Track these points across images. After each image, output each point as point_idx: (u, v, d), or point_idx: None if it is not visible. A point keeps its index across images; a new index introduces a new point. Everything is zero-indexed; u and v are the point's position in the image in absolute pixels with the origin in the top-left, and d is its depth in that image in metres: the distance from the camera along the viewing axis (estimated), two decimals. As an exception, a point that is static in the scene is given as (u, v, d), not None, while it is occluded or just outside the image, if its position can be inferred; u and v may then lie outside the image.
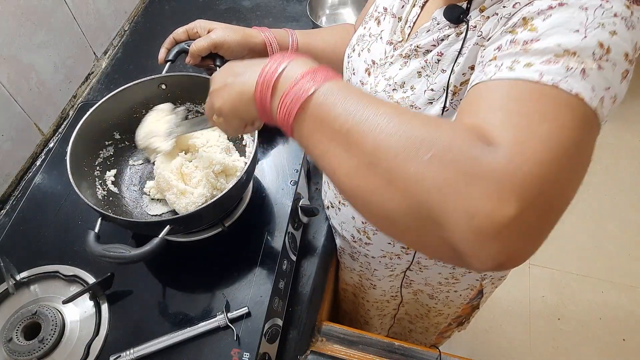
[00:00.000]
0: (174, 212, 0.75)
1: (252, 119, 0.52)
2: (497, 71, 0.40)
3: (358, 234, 0.82)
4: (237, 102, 0.49)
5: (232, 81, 0.50)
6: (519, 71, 0.38)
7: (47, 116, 1.02)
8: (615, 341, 1.67)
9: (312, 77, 0.43)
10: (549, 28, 0.39)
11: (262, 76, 0.46)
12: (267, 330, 0.69)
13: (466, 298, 0.97)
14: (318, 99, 0.42)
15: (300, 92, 0.42)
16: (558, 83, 0.37)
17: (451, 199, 0.34)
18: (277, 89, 0.45)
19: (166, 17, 1.31)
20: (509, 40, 0.41)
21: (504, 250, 0.33)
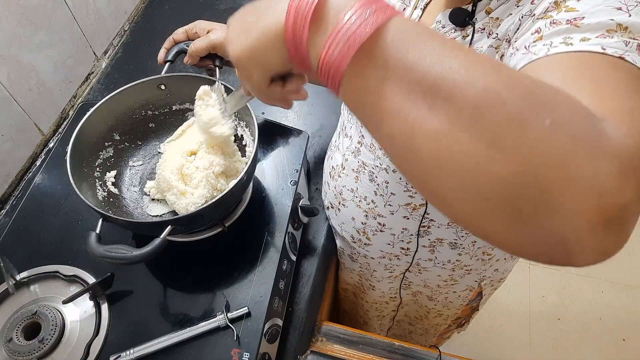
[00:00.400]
0: (174, 212, 0.75)
1: (280, 66, 0.38)
2: (551, 47, 0.36)
3: (358, 235, 0.82)
4: (259, 44, 0.36)
5: (253, 18, 0.37)
6: (577, 45, 0.35)
7: (47, 116, 1.02)
8: (615, 341, 1.67)
9: (371, 5, 0.31)
10: (590, 7, 0.37)
11: (295, 5, 0.33)
12: (267, 330, 0.69)
13: (465, 299, 0.97)
14: (387, 36, 0.31)
15: (359, 28, 0.31)
16: (623, 55, 0.34)
17: (577, 173, 0.27)
18: (321, 23, 0.32)
19: (166, 17, 1.31)
20: (549, 22, 0.38)
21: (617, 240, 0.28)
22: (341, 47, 0.31)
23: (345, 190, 0.78)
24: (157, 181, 0.75)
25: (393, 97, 0.31)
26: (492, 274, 0.87)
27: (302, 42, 0.33)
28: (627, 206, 0.27)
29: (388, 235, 0.77)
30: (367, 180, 0.71)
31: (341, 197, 0.80)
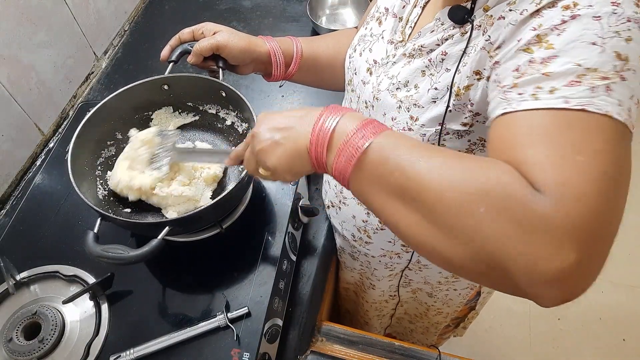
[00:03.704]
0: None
1: (306, 173, 0.51)
2: (521, 100, 0.40)
3: (359, 233, 0.82)
4: (292, 159, 0.49)
5: (281, 138, 0.49)
6: (544, 99, 0.38)
7: (47, 116, 1.02)
8: (615, 341, 1.67)
9: (363, 132, 0.43)
10: (566, 43, 0.39)
11: (316, 133, 0.46)
12: (267, 330, 0.69)
13: (465, 297, 0.97)
14: (372, 154, 0.42)
15: (353, 150, 0.43)
16: (585, 106, 0.37)
17: (511, 248, 0.35)
18: (332, 146, 0.45)
19: (166, 17, 1.31)
20: (527, 61, 0.41)
21: (567, 290, 0.35)
22: (343, 164, 0.44)
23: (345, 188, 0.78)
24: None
25: (380, 198, 0.43)
26: None
27: (322, 161, 0.47)
28: (565, 269, 0.34)
29: (389, 233, 0.77)
30: None
31: (342, 195, 0.80)
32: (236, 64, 0.77)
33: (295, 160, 0.49)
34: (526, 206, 0.35)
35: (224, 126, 0.84)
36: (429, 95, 0.56)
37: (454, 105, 0.53)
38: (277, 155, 0.49)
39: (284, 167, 0.50)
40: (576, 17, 0.39)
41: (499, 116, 0.42)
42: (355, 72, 0.70)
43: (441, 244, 0.39)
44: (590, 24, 0.38)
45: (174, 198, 0.71)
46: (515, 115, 0.40)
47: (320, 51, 0.83)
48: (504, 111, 0.42)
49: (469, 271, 0.39)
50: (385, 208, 0.43)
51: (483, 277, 0.38)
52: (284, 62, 0.79)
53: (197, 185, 0.73)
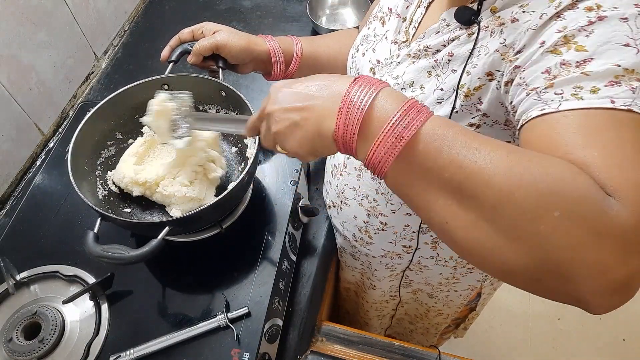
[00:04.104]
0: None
1: (331, 154, 0.46)
2: (562, 100, 0.39)
3: (360, 233, 0.82)
4: (315, 143, 0.43)
5: (301, 118, 0.43)
6: (588, 99, 0.37)
7: (47, 116, 1.02)
8: (615, 341, 1.67)
9: (407, 116, 0.38)
10: (598, 45, 0.38)
11: (345, 113, 0.40)
12: (267, 330, 0.69)
13: (466, 298, 0.97)
14: (421, 145, 0.38)
15: (397, 139, 0.38)
16: (631, 106, 0.36)
17: (582, 256, 0.33)
18: (367, 131, 0.40)
19: (166, 17, 1.31)
20: (559, 63, 0.40)
21: (626, 297, 0.34)
22: (383, 154, 0.39)
23: (347, 188, 0.78)
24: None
25: (428, 194, 0.39)
26: None
27: (351, 147, 0.41)
28: (632, 276, 0.33)
29: (390, 233, 0.77)
30: (369, 179, 0.71)
31: (343, 195, 0.80)
32: (236, 63, 0.77)
33: (318, 144, 0.43)
34: (602, 211, 0.33)
35: (224, 126, 0.83)
36: (435, 96, 0.56)
37: (461, 105, 0.53)
38: (297, 139, 0.44)
39: (305, 151, 0.45)
40: (603, 18, 0.39)
41: (536, 117, 0.40)
42: (357, 72, 0.70)
43: (500, 249, 0.35)
44: (618, 26, 0.38)
45: (176, 197, 0.71)
46: (559, 116, 0.38)
47: (321, 51, 0.83)
48: (542, 112, 0.40)
49: (522, 278, 0.36)
50: (432, 205, 0.39)
51: (536, 284, 0.36)
52: (284, 61, 0.79)
53: (200, 185, 0.73)
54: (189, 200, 0.72)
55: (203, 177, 0.75)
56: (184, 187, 0.72)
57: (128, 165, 0.74)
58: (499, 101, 0.50)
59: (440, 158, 0.37)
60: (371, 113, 0.39)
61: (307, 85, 0.44)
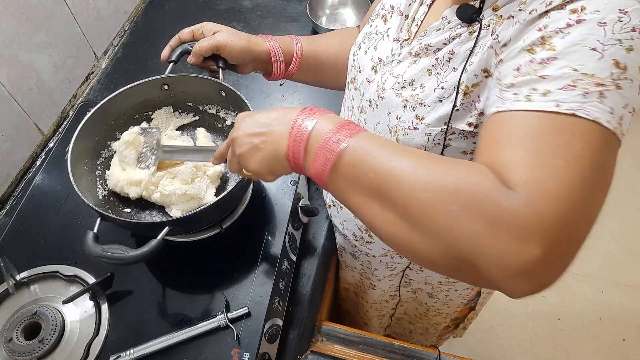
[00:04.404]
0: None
1: (285, 173, 0.53)
2: (515, 100, 0.41)
3: (360, 233, 0.82)
4: (272, 163, 0.50)
5: (260, 142, 0.50)
6: (536, 101, 0.39)
7: (47, 116, 1.02)
8: (615, 341, 1.67)
9: (339, 132, 0.45)
10: (567, 46, 0.39)
11: (294, 136, 0.47)
12: (267, 330, 0.69)
13: (465, 298, 0.97)
14: (346, 157, 0.44)
15: (329, 153, 0.45)
16: (575, 111, 0.37)
17: (480, 245, 0.37)
18: (308, 150, 0.47)
19: (166, 17, 1.31)
20: (528, 61, 0.42)
21: (534, 283, 0.37)
22: (320, 167, 0.46)
23: None
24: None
25: (356, 198, 0.45)
26: None
27: (299, 163, 0.48)
28: (532, 262, 0.35)
29: None
30: None
31: None
32: (236, 63, 0.77)
33: (275, 163, 0.50)
34: (495, 203, 0.36)
35: (224, 126, 0.83)
36: (435, 95, 0.56)
37: (461, 103, 0.53)
38: (257, 159, 0.51)
39: (265, 170, 0.51)
40: (581, 21, 0.39)
41: (492, 114, 0.44)
42: (359, 70, 0.69)
43: (415, 241, 0.41)
44: (594, 29, 0.38)
45: (177, 196, 0.71)
46: (507, 115, 0.42)
47: (321, 50, 0.83)
48: (497, 110, 0.43)
49: (441, 266, 0.41)
50: (362, 208, 0.45)
51: (454, 271, 0.41)
52: (284, 60, 0.79)
53: (200, 183, 0.73)
54: (189, 199, 0.72)
55: (203, 174, 0.75)
56: (184, 185, 0.72)
57: (119, 169, 0.74)
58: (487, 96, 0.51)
59: (363, 167, 0.43)
60: (312, 133, 0.46)
61: (267, 116, 0.51)
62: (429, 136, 0.57)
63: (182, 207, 0.72)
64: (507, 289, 0.38)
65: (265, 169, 0.51)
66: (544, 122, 0.39)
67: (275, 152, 0.49)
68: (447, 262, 0.40)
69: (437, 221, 0.38)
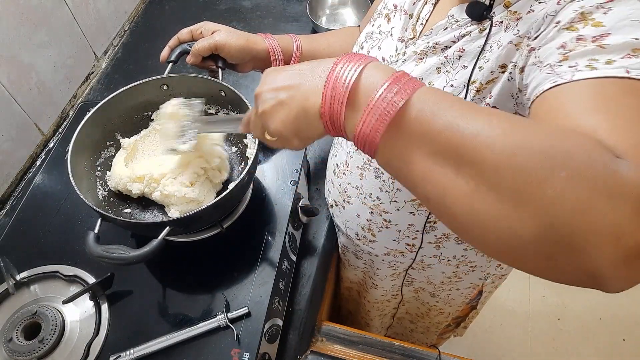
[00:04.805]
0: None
1: (317, 137, 0.44)
2: (575, 71, 0.38)
3: (362, 232, 0.82)
4: (299, 122, 0.42)
5: (287, 97, 0.42)
6: (602, 69, 0.37)
7: (47, 116, 1.02)
8: (615, 341, 1.67)
9: (397, 84, 0.37)
10: (616, 22, 0.38)
11: (331, 86, 0.39)
12: (267, 330, 0.69)
13: (467, 297, 0.97)
14: (413, 111, 0.36)
15: (388, 106, 0.36)
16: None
17: (594, 219, 0.30)
18: (354, 103, 0.39)
19: (166, 17, 1.31)
20: (574, 38, 0.40)
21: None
22: (374, 123, 0.37)
23: (350, 187, 0.78)
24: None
25: (423, 164, 0.36)
26: (496, 270, 0.87)
27: (339, 122, 0.39)
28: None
29: (394, 231, 0.77)
30: (373, 177, 0.71)
31: (346, 194, 0.80)
32: (235, 62, 0.77)
33: (303, 122, 0.42)
34: (613, 172, 0.30)
35: (224, 126, 0.83)
36: None
37: (472, 100, 0.53)
38: (281, 117, 0.42)
39: (289, 131, 0.43)
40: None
41: (548, 89, 0.39)
42: None
43: (505, 218, 0.32)
44: (637, 4, 0.38)
45: (176, 198, 0.71)
46: (571, 85, 0.37)
47: (321, 49, 0.83)
48: (554, 84, 0.38)
49: (534, 253, 0.33)
50: (429, 176, 0.36)
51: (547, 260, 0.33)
52: (283, 59, 0.79)
53: (200, 187, 0.73)
54: (188, 202, 0.72)
55: (205, 180, 0.75)
56: (184, 188, 0.72)
57: (121, 168, 0.74)
58: (509, 92, 0.50)
59: (436, 122, 0.35)
60: (358, 85, 0.38)
61: (296, 68, 0.43)
62: None
63: (181, 208, 0.72)
64: (617, 277, 0.31)
65: (291, 129, 0.43)
66: (620, 87, 0.36)
67: (304, 107, 0.41)
68: (541, 247, 0.32)
69: (540, 190, 0.31)
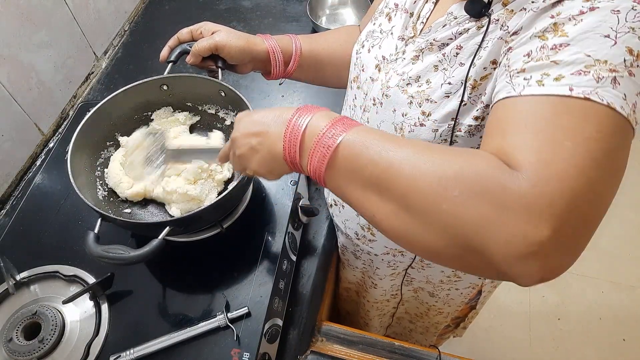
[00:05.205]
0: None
1: (285, 173, 0.53)
2: (526, 85, 0.40)
3: (362, 231, 0.82)
4: (270, 163, 0.51)
5: (257, 143, 0.50)
6: (548, 86, 0.39)
7: (47, 116, 1.02)
8: (615, 341, 1.67)
9: (333, 128, 0.44)
10: (579, 33, 0.39)
11: (288, 137, 0.47)
12: (267, 330, 0.69)
13: (467, 297, 0.97)
14: (343, 151, 0.44)
15: (325, 149, 0.44)
16: (589, 95, 0.37)
17: (486, 229, 0.36)
18: (303, 148, 0.47)
19: (166, 17, 1.31)
20: (539, 47, 0.41)
21: (545, 267, 0.36)
22: (316, 164, 0.45)
23: None
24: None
25: (355, 193, 0.44)
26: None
27: (296, 162, 0.48)
28: (542, 242, 0.34)
29: None
30: None
31: None
32: (235, 63, 0.77)
33: (273, 164, 0.50)
34: (500, 185, 0.36)
35: (223, 126, 0.84)
36: (442, 90, 0.55)
37: (469, 97, 0.53)
38: (256, 161, 0.51)
39: (264, 171, 0.52)
40: (595, 9, 0.39)
41: (501, 100, 0.43)
42: (362, 69, 0.69)
43: (417, 232, 0.40)
44: (607, 17, 0.38)
45: (177, 195, 0.71)
46: (517, 100, 0.41)
47: (321, 49, 0.83)
48: (507, 95, 0.42)
49: (446, 256, 0.40)
50: (361, 202, 0.44)
51: (459, 261, 0.39)
52: (283, 60, 0.79)
53: (202, 186, 0.73)
54: (189, 200, 0.72)
55: (208, 177, 0.75)
56: (187, 185, 0.72)
57: (118, 171, 0.75)
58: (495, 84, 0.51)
59: (361, 159, 0.43)
60: (307, 132, 0.46)
61: (264, 115, 0.51)
62: (435, 132, 0.57)
63: (182, 206, 0.72)
64: (517, 274, 0.36)
65: (265, 170, 0.52)
66: (556, 106, 0.38)
67: (272, 152, 0.49)
68: (451, 251, 0.39)
69: (439, 208, 0.37)
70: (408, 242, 0.42)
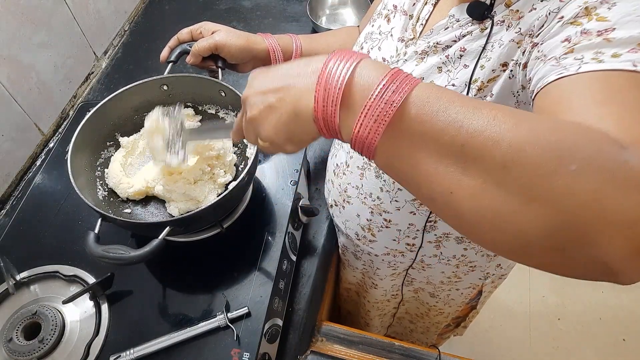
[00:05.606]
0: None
1: (311, 141, 0.42)
2: (582, 64, 0.37)
3: (362, 232, 0.82)
4: (292, 126, 0.39)
5: (276, 100, 0.39)
6: (609, 62, 0.36)
7: (47, 116, 1.02)
8: (615, 341, 1.67)
9: (394, 82, 0.35)
10: (620, 17, 0.38)
11: (323, 87, 0.37)
12: (267, 330, 0.69)
13: (467, 297, 0.97)
14: (412, 109, 0.34)
15: (386, 106, 0.34)
16: None
17: (607, 210, 0.29)
18: (349, 104, 0.36)
19: (166, 17, 1.31)
20: (579, 32, 0.40)
21: None
22: (372, 125, 0.35)
23: (350, 187, 0.78)
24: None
25: (426, 164, 0.35)
26: (495, 270, 0.87)
27: (333, 124, 0.37)
28: None
29: (394, 231, 0.77)
30: (373, 177, 0.71)
31: (346, 194, 0.80)
32: (235, 62, 0.77)
33: (296, 126, 0.40)
34: (622, 162, 0.30)
35: (224, 126, 0.84)
36: None
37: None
38: (273, 122, 0.40)
39: (282, 137, 0.41)
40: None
41: (551, 83, 0.39)
42: None
43: (514, 214, 0.32)
44: (638, 2, 0.38)
45: (177, 194, 0.71)
46: (577, 77, 0.37)
47: (321, 48, 0.83)
48: (559, 76, 0.38)
49: (545, 248, 0.32)
50: (433, 177, 0.35)
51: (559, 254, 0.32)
52: (283, 59, 0.79)
53: (202, 187, 0.73)
54: (188, 199, 0.72)
55: (209, 179, 0.75)
56: (186, 185, 0.72)
57: (118, 172, 0.75)
58: (510, 90, 0.51)
59: (437, 121, 0.34)
60: (352, 83, 0.36)
61: (284, 67, 0.41)
62: None
63: (180, 206, 0.72)
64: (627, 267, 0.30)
65: (283, 135, 0.41)
66: (626, 79, 0.35)
67: (296, 110, 0.39)
68: (551, 240, 0.31)
69: (552, 184, 0.30)
70: (495, 229, 0.33)
